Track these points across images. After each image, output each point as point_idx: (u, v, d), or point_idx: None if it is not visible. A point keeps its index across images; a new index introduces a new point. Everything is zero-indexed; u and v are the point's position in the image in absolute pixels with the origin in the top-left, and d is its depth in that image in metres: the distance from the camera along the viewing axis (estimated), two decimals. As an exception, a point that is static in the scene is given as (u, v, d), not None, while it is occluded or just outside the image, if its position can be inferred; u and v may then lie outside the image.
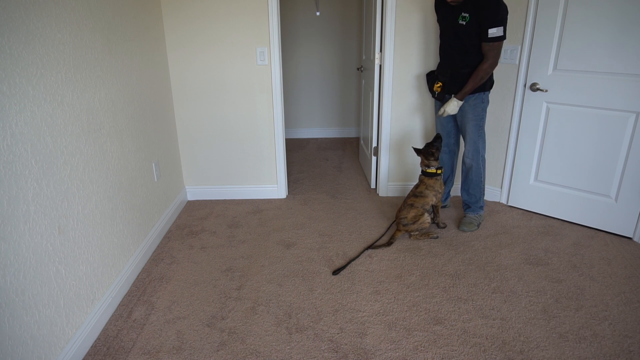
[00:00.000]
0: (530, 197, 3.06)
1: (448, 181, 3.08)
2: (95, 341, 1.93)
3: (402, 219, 2.69)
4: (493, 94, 2.99)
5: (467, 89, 2.55)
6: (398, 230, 2.72)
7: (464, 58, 2.55)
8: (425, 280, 2.33)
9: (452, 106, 2.63)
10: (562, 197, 2.91)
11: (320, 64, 4.97)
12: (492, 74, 2.63)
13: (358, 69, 4.09)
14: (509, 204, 3.19)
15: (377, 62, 3.19)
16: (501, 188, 3.21)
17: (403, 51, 3.07)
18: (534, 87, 2.82)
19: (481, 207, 2.89)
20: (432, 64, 3.07)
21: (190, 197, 3.42)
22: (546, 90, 2.79)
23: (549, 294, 2.21)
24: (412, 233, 2.73)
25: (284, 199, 3.42)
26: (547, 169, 2.93)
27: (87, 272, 1.93)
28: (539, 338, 1.91)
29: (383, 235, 2.80)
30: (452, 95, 2.65)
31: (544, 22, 2.70)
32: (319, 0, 4.69)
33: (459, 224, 2.89)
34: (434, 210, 2.80)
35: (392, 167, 3.40)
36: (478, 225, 2.86)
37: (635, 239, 2.69)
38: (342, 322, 2.03)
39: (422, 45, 3.04)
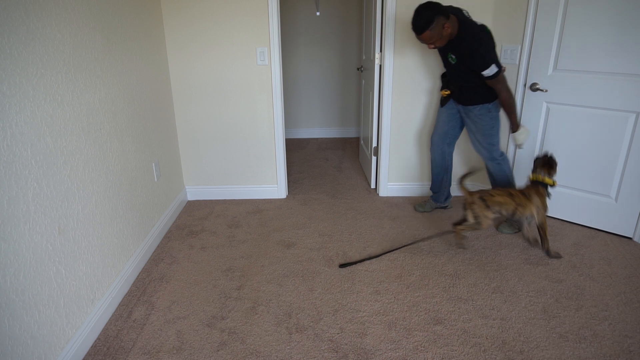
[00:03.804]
0: (530, 197, 3.06)
1: (444, 181, 3.07)
2: (95, 341, 1.93)
3: (488, 191, 2.43)
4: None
5: (511, 119, 2.53)
6: (472, 203, 2.41)
7: (465, 82, 2.57)
8: (425, 280, 2.33)
9: (524, 135, 2.58)
10: (562, 197, 2.91)
11: (320, 63, 4.97)
12: None
13: (358, 69, 4.09)
14: (509, 204, 3.18)
15: (377, 62, 3.19)
16: (501, 188, 3.20)
17: (403, 51, 3.07)
18: (534, 87, 2.82)
19: None
20: (433, 63, 3.07)
21: (190, 197, 3.42)
22: (546, 90, 2.79)
23: (549, 294, 2.21)
24: (461, 225, 2.49)
25: (284, 199, 3.42)
26: (547, 169, 2.93)
27: (87, 272, 1.93)
28: (539, 338, 1.91)
29: (413, 242, 2.79)
30: (511, 132, 2.60)
31: (544, 22, 2.70)
32: (319, 0, 4.69)
33: (498, 225, 2.84)
34: (541, 233, 2.51)
35: (392, 167, 3.39)
36: (519, 229, 2.79)
37: (635, 239, 2.68)
38: (342, 322, 2.03)
39: (422, 45, 3.04)
